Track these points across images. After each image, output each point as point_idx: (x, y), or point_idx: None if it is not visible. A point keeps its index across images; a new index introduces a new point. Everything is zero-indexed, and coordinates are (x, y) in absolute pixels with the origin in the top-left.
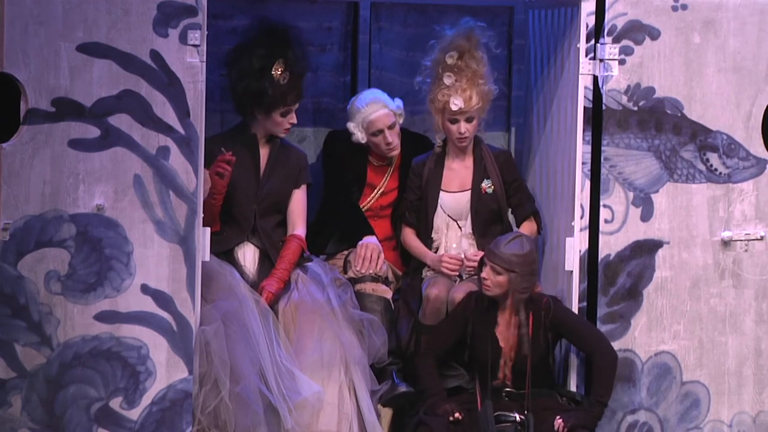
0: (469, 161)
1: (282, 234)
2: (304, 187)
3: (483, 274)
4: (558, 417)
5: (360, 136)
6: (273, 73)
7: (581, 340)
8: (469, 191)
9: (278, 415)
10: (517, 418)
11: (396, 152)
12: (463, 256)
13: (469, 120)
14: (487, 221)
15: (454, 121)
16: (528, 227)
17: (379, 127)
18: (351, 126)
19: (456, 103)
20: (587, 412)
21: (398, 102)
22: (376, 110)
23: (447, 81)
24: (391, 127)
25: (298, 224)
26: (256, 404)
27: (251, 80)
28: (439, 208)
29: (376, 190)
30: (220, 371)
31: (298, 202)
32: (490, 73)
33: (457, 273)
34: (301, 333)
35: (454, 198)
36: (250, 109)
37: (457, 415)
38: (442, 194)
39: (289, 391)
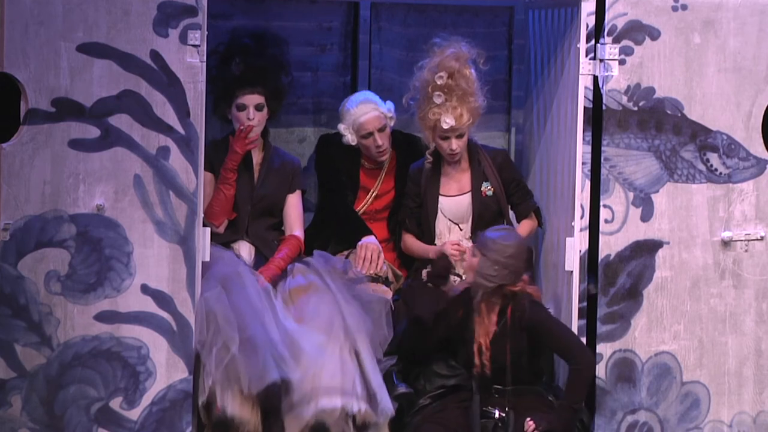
0: (465, 164)
1: (275, 236)
2: (298, 193)
3: (466, 255)
4: (529, 419)
5: (350, 138)
6: (231, 65)
7: (558, 345)
8: (469, 194)
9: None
10: (497, 415)
11: (386, 156)
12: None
13: (459, 136)
14: (489, 223)
15: (445, 138)
16: (529, 224)
17: (369, 130)
18: (341, 128)
19: (447, 122)
20: (559, 416)
21: (389, 105)
22: (366, 112)
23: (437, 100)
24: (381, 130)
25: (295, 227)
26: (264, 350)
27: (215, 72)
28: (439, 212)
29: (370, 194)
30: (227, 330)
31: (294, 206)
32: (480, 88)
33: (461, 258)
34: (298, 306)
35: (454, 202)
36: (220, 107)
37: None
38: (441, 199)
39: (292, 346)
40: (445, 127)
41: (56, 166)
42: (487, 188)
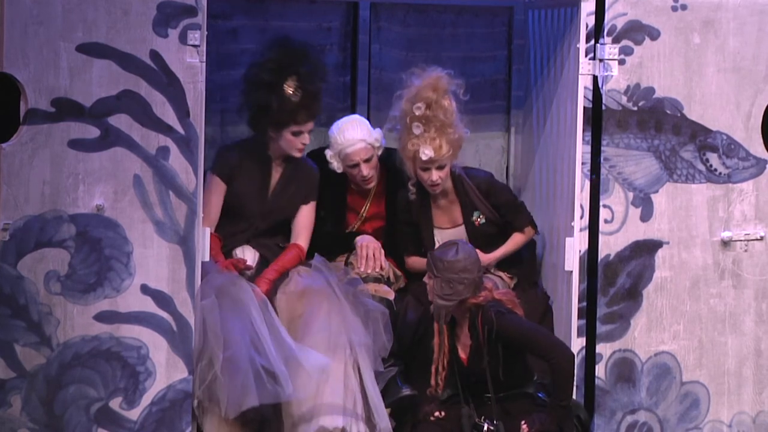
0: (453, 196)
1: (281, 240)
2: (312, 204)
3: (425, 279)
4: (523, 422)
5: (336, 165)
6: (285, 88)
7: (534, 347)
8: (462, 226)
9: (273, 385)
10: (485, 428)
11: (371, 184)
12: None
13: (440, 167)
14: (488, 244)
15: (426, 169)
16: (520, 237)
17: (355, 161)
18: (329, 154)
19: (426, 153)
20: (551, 415)
21: (377, 133)
22: (353, 144)
23: (416, 131)
24: (367, 161)
25: (301, 237)
26: (245, 372)
27: (260, 94)
28: (437, 244)
29: (359, 216)
30: (213, 346)
31: (305, 217)
32: (460, 119)
33: None
34: (308, 314)
35: (449, 234)
36: (262, 126)
37: (437, 414)
38: (436, 231)
39: (291, 360)
40: (424, 158)
41: (56, 166)
42: (478, 218)
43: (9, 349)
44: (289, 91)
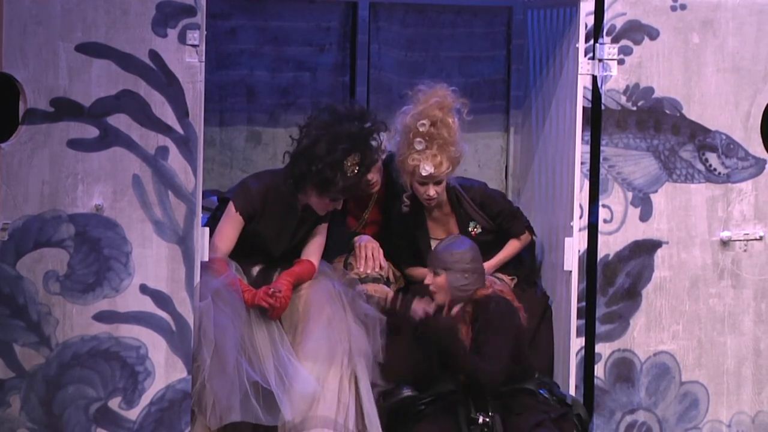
0: (447, 208)
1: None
2: (325, 225)
3: (426, 281)
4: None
5: None
6: (346, 163)
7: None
8: None
9: (259, 405)
10: (480, 420)
11: (376, 188)
12: None
13: (438, 183)
14: (485, 252)
15: (424, 184)
16: (516, 243)
17: None
18: None
19: (426, 169)
20: (559, 427)
21: (382, 137)
22: None
23: (418, 146)
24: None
25: (313, 255)
26: (232, 386)
27: (326, 167)
28: None
29: (360, 220)
30: (204, 350)
31: (318, 236)
32: (461, 137)
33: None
34: (310, 320)
35: None
36: (305, 185)
37: (428, 310)
38: (433, 243)
39: (289, 379)
40: (424, 174)
41: (55, 166)
42: (474, 227)
43: (8, 349)
44: (349, 165)
